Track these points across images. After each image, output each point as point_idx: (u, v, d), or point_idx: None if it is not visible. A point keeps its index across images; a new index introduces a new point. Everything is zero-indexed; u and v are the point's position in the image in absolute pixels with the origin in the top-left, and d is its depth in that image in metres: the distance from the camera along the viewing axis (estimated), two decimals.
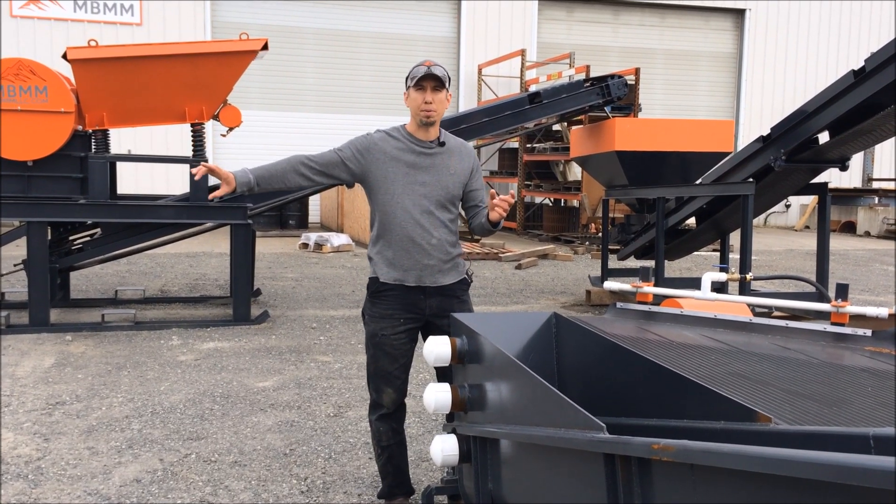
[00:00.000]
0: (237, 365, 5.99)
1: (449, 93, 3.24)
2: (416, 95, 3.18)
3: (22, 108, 6.74)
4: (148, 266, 11.13)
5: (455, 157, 3.30)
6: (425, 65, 3.16)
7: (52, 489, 3.68)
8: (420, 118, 3.20)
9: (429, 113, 3.17)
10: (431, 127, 3.25)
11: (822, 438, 1.55)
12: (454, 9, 20.05)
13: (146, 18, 17.96)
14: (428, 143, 3.26)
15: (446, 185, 3.25)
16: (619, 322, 3.65)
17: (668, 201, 8.15)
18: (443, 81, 3.17)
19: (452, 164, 3.28)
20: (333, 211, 17.30)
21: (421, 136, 3.26)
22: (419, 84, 3.16)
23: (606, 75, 9.05)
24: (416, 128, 3.25)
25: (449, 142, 3.32)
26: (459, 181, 3.29)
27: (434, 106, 3.17)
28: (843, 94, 6.41)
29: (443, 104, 3.21)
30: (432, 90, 3.16)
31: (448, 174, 3.26)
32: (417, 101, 3.18)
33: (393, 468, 3.41)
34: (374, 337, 3.30)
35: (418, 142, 3.25)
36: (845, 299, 3.85)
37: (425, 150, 3.25)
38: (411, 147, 3.24)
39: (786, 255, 14.71)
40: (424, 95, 3.16)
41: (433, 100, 3.16)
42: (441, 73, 3.16)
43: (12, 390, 5.22)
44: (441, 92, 3.18)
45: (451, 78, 3.79)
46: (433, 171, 3.24)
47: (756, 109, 21.99)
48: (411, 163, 3.22)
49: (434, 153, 3.26)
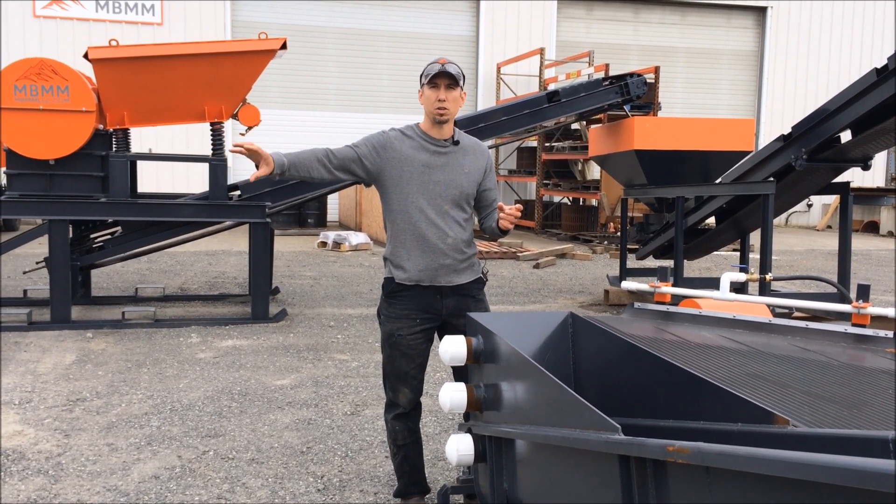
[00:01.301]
0: (255, 363, 6.02)
1: (463, 91, 3.23)
2: (429, 93, 3.17)
3: (44, 108, 6.81)
4: (168, 264, 11.22)
5: (469, 156, 3.30)
6: (439, 62, 3.16)
7: (72, 485, 3.71)
8: (434, 116, 3.20)
9: (442, 111, 3.17)
10: (445, 125, 3.24)
11: (840, 441, 1.53)
12: (473, 8, 20.03)
13: (167, 18, 18.10)
14: (442, 142, 3.25)
15: (460, 183, 3.24)
16: (636, 322, 3.63)
17: (687, 200, 8.10)
18: (456, 79, 3.16)
19: (466, 163, 3.27)
20: (352, 210, 17.35)
21: (435, 135, 3.25)
22: (433, 82, 3.16)
23: (625, 74, 9.01)
24: (430, 126, 3.25)
25: (463, 140, 3.31)
26: (473, 180, 3.29)
27: (447, 104, 3.16)
28: (865, 92, 6.34)
29: (457, 102, 3.20)
30: (446, 88, 3.16)
31: (462, 173, 3.25)
32: (431, 99, 3.17)
33: (409, 467, 3.41)
34: (390, 337, 3.30)
35: (432, 140, 3.25)
36: (867, 300, 3.81)
37: (439, 149, 3.24)
38: (425, 146, 3.24)
39: (807, 256, 14.57)
40: (438, 93, 3.15)
41: (447, 97, 3.16)
42: (455, 70, 3.16)
43: (34, 386, 5.28)
44: (455, 90, 3.18)
45: (467, 76, 3.77)
46: (447, 169, 3.23)
47: (777, 108, 21.80)
48: (425, 161, 3.22)
49: (448, 152, 3.25)
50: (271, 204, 7.75)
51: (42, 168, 7.06)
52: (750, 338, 3.21)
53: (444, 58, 3.23)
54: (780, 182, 7.03)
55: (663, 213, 8.85)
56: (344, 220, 18.48)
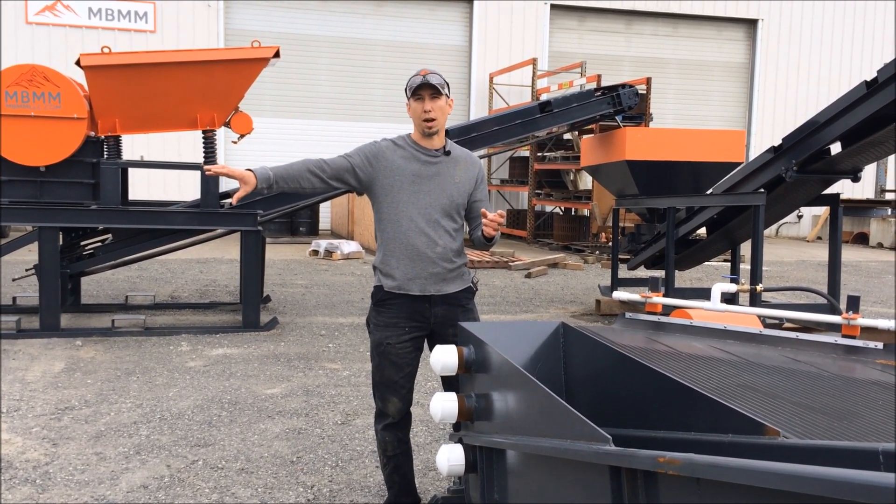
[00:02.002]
0: (246, 371, 6.00)
1: (450, 98, 3.25)
2: (415, 105, 3.20)
3: (35, 114, 6.79)
4: (158, 272, 11.18)
5: (461, 167, 3.31)
6: (421, 74, 3.18)
7: (60, 494, 3.68)
8: (423, 128, 3.22)
9: (430, 123, 3.19)
10: (436, 136, 3.26)
11: (830, 453, 1.53)
12: (466, 17, 20.10)
13: (160, 26, 18.09)
14: (433, 152, 3.27)
15: (451, 194, 3.25)
16: (627, 332, 3.63)
17: (678, 211, 8.13)
18: (439, 89, 3.17)
19: (457, 174, 3.29)
20: (344, 218, 17.34)
21: (426, 145, 3.27)
22: (416, 94, 3.18)
23: (617, 85, 9.05)
24: (421, 136, 3.27)
25: (454, 151, 3.33)
26: (464, 190, 3.30)
27: (434, 114, 3.18)
28: (855, 104, 6.38)
29: (443, 111, 3.22)
30: (430, 98, 3.17)
31: (452, 183, 3.27)
32: (418, 112, 3.19)
33: (399, 478, 3.40)
34: (378, 346, 3.29)
35: (423, 150, 3.26)
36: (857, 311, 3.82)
37: (430, 159, 3.26)
38: (416, 156, 3.25)
39: (797, 267, 14.63)
40: (423, 105, 3.17)
41: (432, 107, 3.17)
42: (437, 80, 3.17)
43: (22, 395, 5.24)
44: (439, 99, 3.19)
45: (459, 85, 3.78)
46: (438, 179, 3.24)
47: (768, 120, 21.92)
48: (416, 171, 3.23)
49: (439, 162, 3.27)
50: (263, 212, 7.74)
51: (33, 175, 7.04)
52: (741, 348, 3.21)
53: (425, 69, 3.25)
54: (770, 193, 7.06)
55: (654, 224, 8.88)
56: (336, 229, 18.46)
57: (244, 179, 3.18)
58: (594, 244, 15.84)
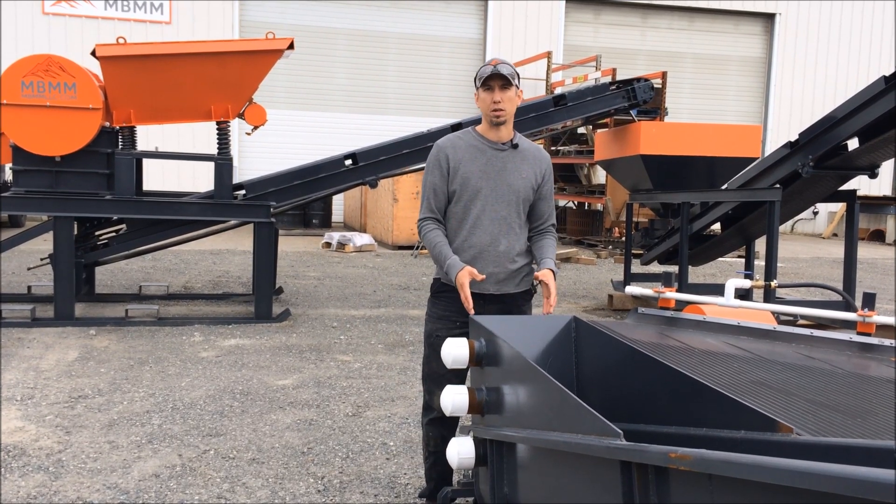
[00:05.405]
0: (258, 362, 6.02)
1: (520, 89, 3.18)
2: (485, 96, 3.14)
3: (51, 104, 6.83)
4: (172, 262, 11.24)
5: (528, 161, 3.23)
6: (491, 64, 3.11)
7: (72, 482, 3.71)
8: (491, 118, 3.16)
9: (498, 112, 3.13)
10: (503, 127, 3.19)
11: (844, 450, 1.52)
12: (481, 10, 20.04)
13: (175, 17, 18.15)
14: (500, 145, 3.20)
15: (517, 188, 3.18)
16: (640, 327, 3.61)
17: (692, 206, 8.08)
18: (510, 79, 3.11)
19: (524, 168, 3.21)
20: (357, 211, 17.35)
21: (492, 137, 3.20)
22: (486, 84, 3.12)
23: (632, 79, 8.99)
24: (488, 129, 3.21)
25: (522, 144, 3.26)
26: (530, 185, 3.22)
27: (503, 105, 3.12)
28: (873, 100, 6.31)
29: (512, 101, 3.15)
30: (500, 89, 3.11)
31: (519, 178, 3.19)
32: (487, 102, 3.13)
33: (437, 474, 3.39)
34: (429, 337, 3.27)
35: (490, 143, 3.20)
36: (872, 309, 3.78)
37: (497, 152, 3.20)
38: (482, 148, 3.19)
39: (812, 263, 14.53)
40: (493, 95, 3.11)
41: (502, 98, 3.11)
42: (507, 70, 3.10)
43: (36, 383, 5.28)
44: (509, 89, 3.12)
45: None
46: (504, 174, 3.18)
47: (784, 115, 21.77)
48: (482, 164, 3.17)
49: (506, 155, 3.20)
50: (276, 204, 7.75)
51: (48, 165, 7.08)
52: (754, 345, 3.19)
53: (496, 58, 3.18)
54: (786, 189, 7.00)
55: (668, 219, 8.83)
56: (349, 221, 18.49)
57: (474, 276, 3.08)
58: (607, 239, 15.78)
